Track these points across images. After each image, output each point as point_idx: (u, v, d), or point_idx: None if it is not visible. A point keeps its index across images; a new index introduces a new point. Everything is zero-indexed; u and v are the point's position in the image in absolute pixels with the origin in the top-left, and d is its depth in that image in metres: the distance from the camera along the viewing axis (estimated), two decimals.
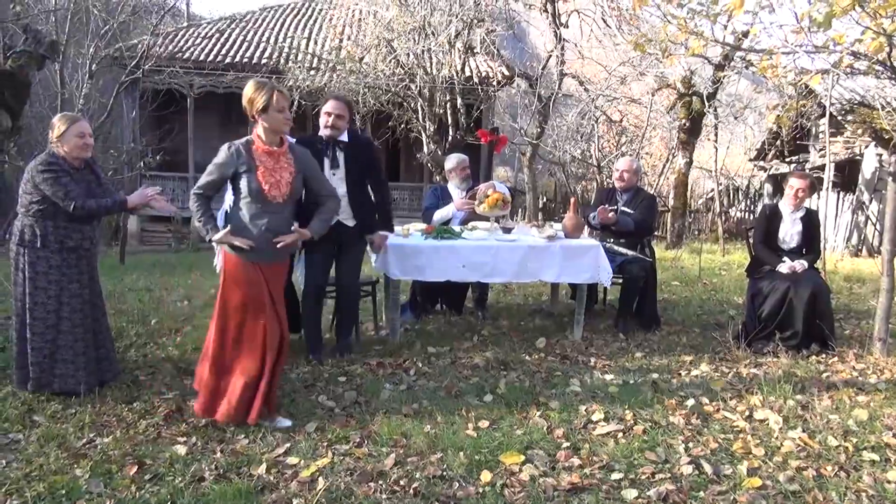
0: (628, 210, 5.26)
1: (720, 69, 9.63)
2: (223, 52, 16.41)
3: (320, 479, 2.80)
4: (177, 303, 6.38)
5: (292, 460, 2.99)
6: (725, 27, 4.78)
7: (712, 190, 17.93)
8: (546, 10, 13.74)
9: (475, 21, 12.79)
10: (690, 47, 3.99)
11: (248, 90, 3.31)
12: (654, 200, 5.63)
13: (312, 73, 13.85)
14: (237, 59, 16.12)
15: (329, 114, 4.20)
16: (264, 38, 17.31)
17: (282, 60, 15.59)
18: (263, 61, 15.97)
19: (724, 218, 13.78)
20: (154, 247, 15.31)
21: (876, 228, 11.78)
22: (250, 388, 3.27)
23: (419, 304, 5.70)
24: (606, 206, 5.27)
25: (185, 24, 17.41)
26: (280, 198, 3.30)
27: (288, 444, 3.14)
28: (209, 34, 17.20)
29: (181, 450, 3.08)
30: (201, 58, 15.90)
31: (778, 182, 16.57)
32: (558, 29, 13.35)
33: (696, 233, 15.29)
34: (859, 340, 4.96)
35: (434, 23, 11.84)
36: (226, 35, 17.27)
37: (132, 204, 3.69)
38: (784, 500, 2.67)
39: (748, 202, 17.17)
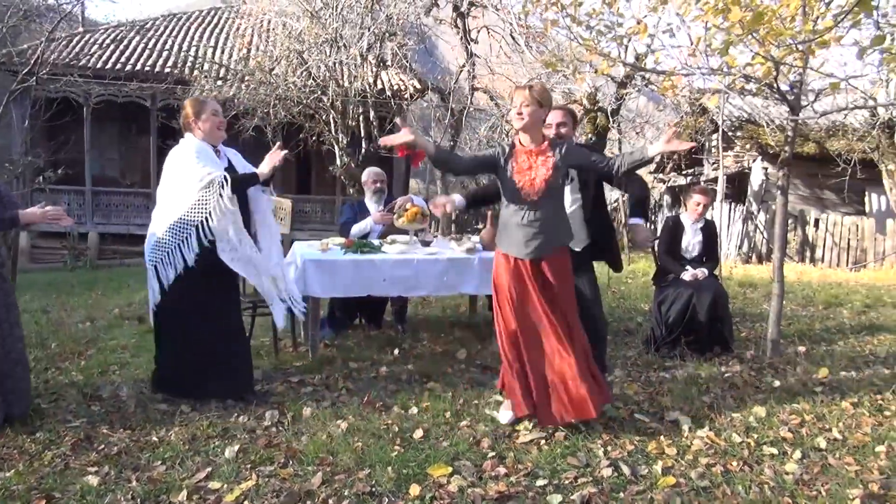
0: None
1: (622, 87, 10.15)
2: (122, 60, 15.72)
3: (245, 502, 2.74)
4: (78, 324, 6.04)
5: (214, 485, 2.90)
6: (626, 48, 5.02)
7: (616, 200, 18.75)
8: (456, 26, 14.02)
9: (387, 34, 12.87)
10: (599, 67, 4.19)
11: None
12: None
13: (220, 83, 13.48)
14: (138, 67, 15.48)
15: (549, 124, 3.77)
16: (167, 47, 16.71)
17: (186, 70, 15.11)
18: (167, 70, 15.42)
19: (627, 228, 14.39)
20: (48, 265, 14.38)
21: (763, 237, 12.66)
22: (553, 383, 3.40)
23: (337, 318, 5.65)
24: None
25: (81, 29, 16.51)
26: (533, 195, 3.37)
27: (209, 469, 3.04)
28: (107, 41, 16.43)
29: (93, 480, 2.92)
30: (98, 66, 15.16)
31: (676, 193, 17.54)
32: (469, 45, 13.64)
33: None
34: (755, 342, 5.33)
35: (346, 35, 11.82)
36: (125, 43, 16.54)
37: (26, 220, 3.43)
38: (696, 496, 2.84)
39: (650, 212, 18.03)
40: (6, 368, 3.48)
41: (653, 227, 18.32)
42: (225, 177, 3.66)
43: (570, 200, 3.95)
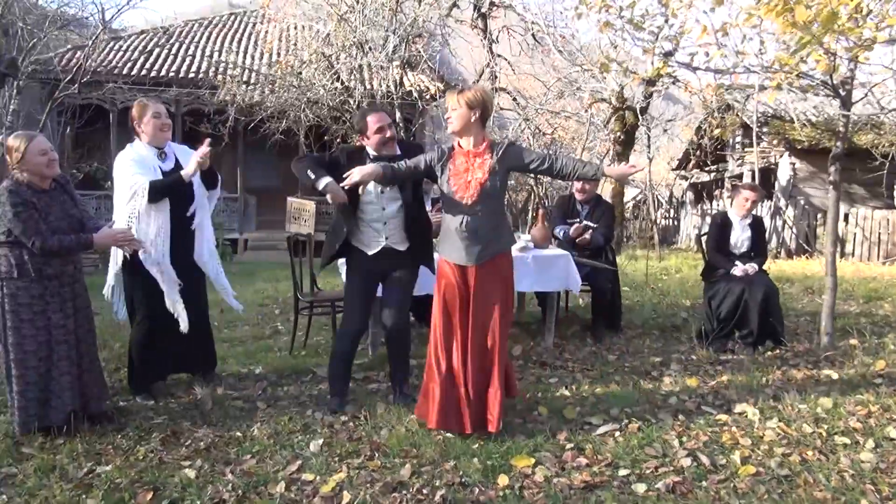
0: (592, 224, 5.48)
1: (651, 84, 10.21)
2: (147, 66, 15.90)
3: (344, 492, 2.83)
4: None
5: (308, 476, 3.00)
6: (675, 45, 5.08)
7: (634, 197, 18.80)
8: (477, 26, 14.11)
9: (411, 37, 12.97)
10: (655, 67, 4.26)
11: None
12: (613, 210, 5.91)
13: (244, 87, 13.63)
14: (163, 73, 15.66)
15: (382, 129, 3.71)
16: (189, 53, 16.90)
17: (210, 74, 15.28)
18: (191, 75, 15.60)
19: (659, 225, 14.44)
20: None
21: (793, 232, 12.66)
22: (459, 394, 3.34)
23: None
24: (581, 222, 5.46)
25: (105, 36, 16.70)
26: (469, 199, 3.29)
27: (299, 462, 3.14)
28: (131, 48, 16.64)
29: (190, 473, 3.03)
30: (125, 72, 15.36)
31: (699, 190, 17.54)
32: (491, 45, 13.72)
33: (626, 239, 15.95)
34: (805, 336, 5.38)
35: (373, 38, 11.93)
36: (149, 48, 16.74)
37: (98, 245, 3.50)
38: (779, 484, 2.90)
39: (672, 209, 18.04)
40: (86, 365, 3.59)
41: (676, 223, 18.33)
42: (145, 185, 3.77)
43: (388, 203, 3.73)
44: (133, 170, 3.81)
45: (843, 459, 3.12)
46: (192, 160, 3.89)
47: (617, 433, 3.43)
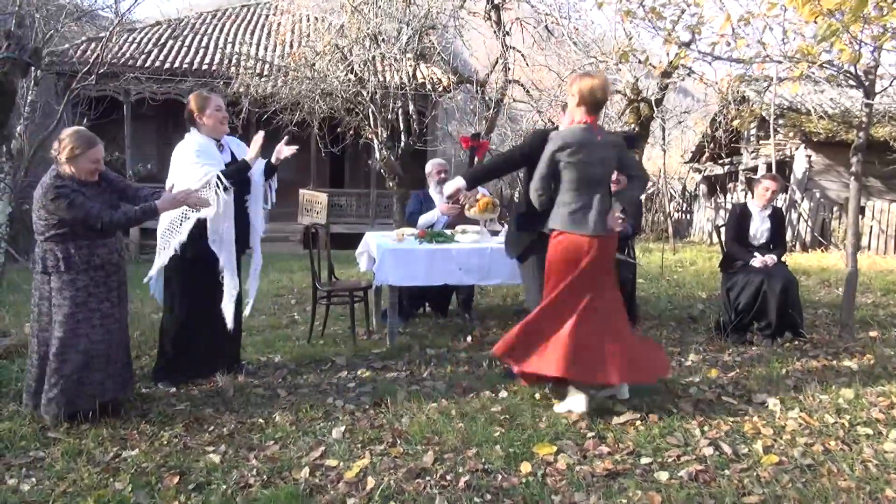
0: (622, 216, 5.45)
1: (667, 76, 10.13)
2: (161, 57, 15.96)
3: (368, 478, 2.85)
4: (151, 315, 6.20)
5: (331, 462, 3.02)
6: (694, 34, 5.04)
7: (646, 190, 18.72)
8: (489, 18, 14.04)
9: (425, 29, 12.93)
10: (676, 55, 4.23)
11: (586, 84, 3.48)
12: (642, 205, 5.90)
13: (258, 78, 13.65)
14: (177, 64, 15.71)
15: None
16: (203, 44, 16.95)
17: (223, 66, 15.32)
18: (204, 67, 15.66)
19: (672, 218, 14.35)
20: None
21: (808, 225, 12.57)
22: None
23: (404, 307, 5.76)
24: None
25: (120, 28, 16.75)
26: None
27: (322, 448, 3.17)
28: (145, 39, 16.70)
29: (215, 458, 3.06)
30: (139, 64, 15.41)
31: (712, 183, 17.43)
32: (503, 37, 13.65)
33: (639, 232, 15.90)
34: (824, 327, 5.35)
35: (387, 30, 11.91)
36: (163, 40, 16.80)
37: (163, 209, 3.56)
38: (802, 473, 2.90)
39: (685, 202, 17.95)
40: (119, 353, 3.61)
41: (689, 216, 18.24)
42: (218, 175, 3.81)
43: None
44: (201, 160, 3.85)
45: (867, 449, 3.11)
46: (254, 145, 3.97)
47: (638, 422, 3.43)
